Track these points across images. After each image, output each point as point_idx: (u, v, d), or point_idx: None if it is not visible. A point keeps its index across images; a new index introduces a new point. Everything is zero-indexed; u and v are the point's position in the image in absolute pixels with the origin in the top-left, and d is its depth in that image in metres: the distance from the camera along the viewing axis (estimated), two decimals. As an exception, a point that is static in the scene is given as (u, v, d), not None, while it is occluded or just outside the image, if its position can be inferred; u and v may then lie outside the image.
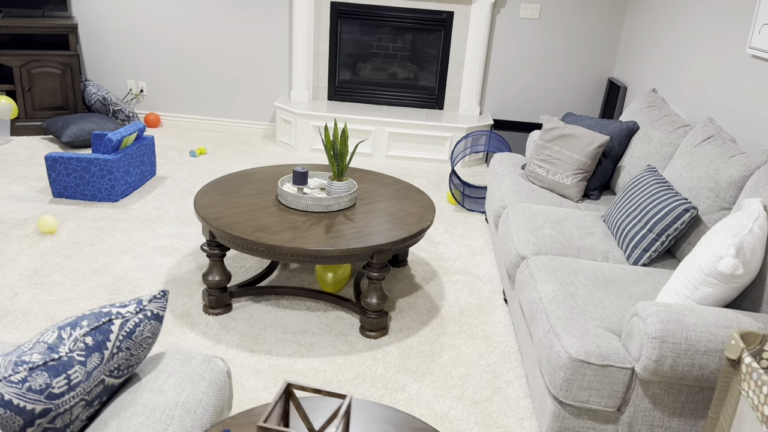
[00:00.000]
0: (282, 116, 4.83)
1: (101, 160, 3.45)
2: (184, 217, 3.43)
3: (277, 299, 2.69)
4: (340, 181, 2.62)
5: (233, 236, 2.31)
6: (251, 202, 2.61)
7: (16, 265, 2.80)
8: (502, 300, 2.82)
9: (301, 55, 4.85)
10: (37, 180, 3.78)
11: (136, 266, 2.87)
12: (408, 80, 5.00)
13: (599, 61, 4.81)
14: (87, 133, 4.37)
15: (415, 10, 4.73)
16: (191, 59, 4.99)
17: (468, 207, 3.86)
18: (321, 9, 4.78)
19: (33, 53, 4.48)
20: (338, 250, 2.26)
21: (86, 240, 3.08)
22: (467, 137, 4.22)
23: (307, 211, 2.55)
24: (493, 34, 4.81)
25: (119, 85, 5.10)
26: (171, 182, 3.92)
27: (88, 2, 4.83)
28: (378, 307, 2.43)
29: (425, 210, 2.65)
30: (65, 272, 2.77)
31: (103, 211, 3.43)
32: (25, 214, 3.30)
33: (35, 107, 4.62)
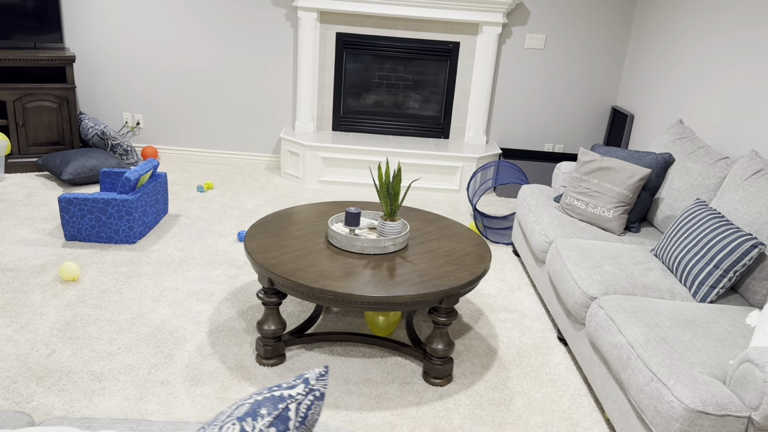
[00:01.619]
0: (288, 148, 4.73)
1: (119, 201, 3.28)
2: (209, 258, 3.29)
3: (329, 346, 2.58)
4: (393, 221, 2.54)
5: (297, 284, 2.20)
6: (302, 245, 2.50)
7: (44, 318, 2.61)
8: (556, 339, 2.77)
9: (306, 86, 4.77)
10: (44, 221, 3.57)
11: (173, 314, 2.71)
12: (412, 110, 4.97)
13: (602, 89, 4.89)
14: (89, 169, 4.17)
15: (421, 40, 4.73)
16: (189, 91, 4.85)
17: (492, 239, 3.82)
18: (327, 40, 4.72)
19: (28, 87, 4.27)
20: (410, 296, 2.18)
21: (113, 287, 2.90)
22: (484, 168, 4.21)
23: (363, 254, 2.46)
24: (499, 64, 4.84)
25: (114, 118, 4.91)
26: (185, 220, 3.77)
27: (81, 33, 4.66)
28: (445, 353, 2.35)
29: (480, 248, 2.60)
30: (100, 324, 2.59)
31: (123, 254, 3.25)
32: (40, 260, 3.10)
33: (29, 143, 4.39)
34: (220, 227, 3.71)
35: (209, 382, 2.29)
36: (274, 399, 1.05)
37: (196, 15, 4.65)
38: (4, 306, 2.67)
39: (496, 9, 4.56)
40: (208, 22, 4.67)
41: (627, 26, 4.72)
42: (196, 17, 4.65)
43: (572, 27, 4.72)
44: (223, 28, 4.69)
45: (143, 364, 2.36)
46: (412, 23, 4.68)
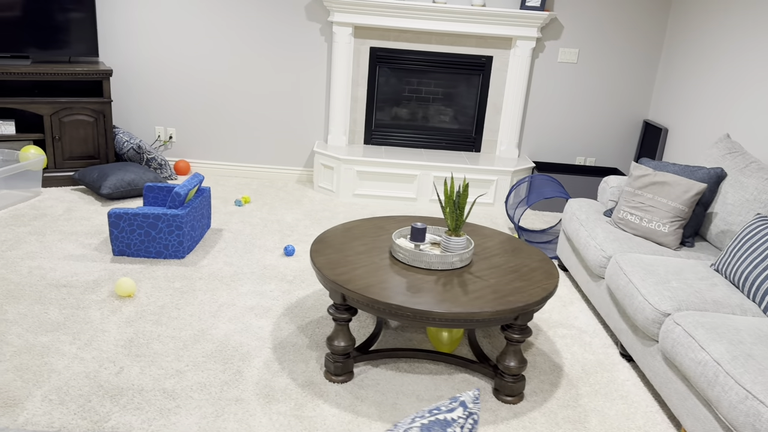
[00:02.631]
0: (322, 161, 4.73)
1: (170, 216, 3.27)
2: (259, 273, 3.28)
3: (394, 362, 2.56)
4: (458, 236, 2.54)
5: (373, 300, 2.19)
6: (368, 260, 2.49)
7: (106, 335, 2.59)
8: (618, 355, 2.76)
9: (340, 100, 4.78)
10: (88, 236, 3.56)
11: (234, 330, 2.70)
12: (444, 123, 4.99)
13: (634, 103, 4.91)
14: (127, 183, 4.16)
15: (454, 54, 4.75)
16: (222, 105, 4.86)
17: (535, 253, 3.81)
18: (360, 54, 4.74)
19: (65, 101, 4.27)
20: (488, 313, 2.17)
21: (170, 303, 2.89)
22: (522, 183, 4.21)
23: (430, 269, 2.46)
24: (532, 78, 4.86)
25: (147, 131, 4.91)
26: (228, 235, 3.76)
27: (114, 47, 4.67)
28: (518, 370, 2.34)
29: (545, 264, 2.59)
30: (163, 341, 2.57)
31: (173, 269, 3.24)
32: (92, 276, 3.09)
33: (65, 157, 4.39)
34: (264, 241, 3.70)
35: (283, 399, 2.27)
36: (440, 423, 1.04)
37: (231, 29, 4.67)
38: (64, 323, 2.65)
39: (530, 24, 4.58)
40: (242, 36, 4.68)
41: (659, 39, 4.75)
42: (231, 32, 4.67)
43: (605, 41, 4.75)
44: (258, 43, 4.70)
45: (214, 381, 2.34)
46: (446, 37, 4.71)
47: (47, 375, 2.30)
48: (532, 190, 4.04)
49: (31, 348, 2.45)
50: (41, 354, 2.42)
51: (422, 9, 4.50)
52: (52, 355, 2.42)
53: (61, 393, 2.21)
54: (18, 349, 2.44)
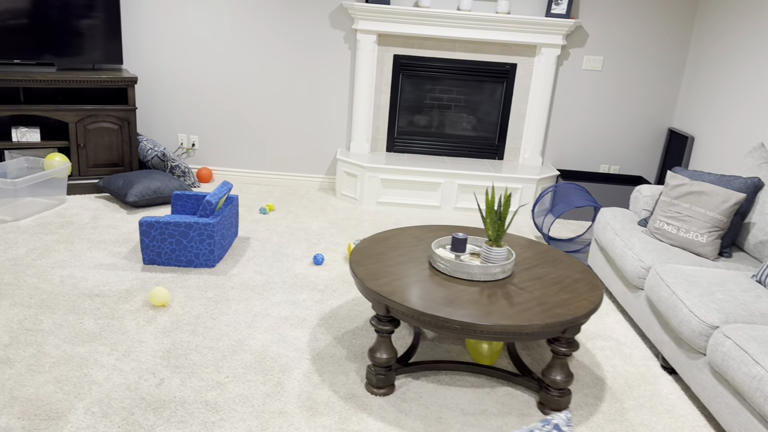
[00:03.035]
0: (345, 169, 4.71)
1: (201, 225, 3.25)
2: (290, 282, 3.25)
3: (435, 375, 2.53)
4: (499, 246, 2.51)
5: (419, 312, 2.16)
6: (409, 270, 2.47)
7: (144, 345, 2.57)
8: (659, 368, 2.72)
9: (363, 107, 4.77)
10: (116, 244, 3.54)
11: (271, 341, 2.67)
12: (466, 131, 4.97)
13: (659, 110, 4.88)
14: (152, 191, 4.15)
15: (478, 62, 4.73)
16: (244, 112, 4.85)
17: (564, 262, 3.78)
18: (384, 62, 4.73)
19: (90, 108, 4.27)
20: (537, 326, 2.14)
21: (204, 312, 2.87)
22: (549, 191, 4.18)
23: (472, 281, 2.43)
24: (556, 85, 4.84)
25: (169, 139, 4.91)
26: (256, 243, 3.73)
27: (137, 54, 4.67)
28: (564, 384, 2.30)
29: (587, 275, 2.56)
30: (201, 351, 2.55)
31: (204, 278, 3.22)
32: (124, 285, 3.07)
33: (89, 164, 4.38)
34: (292, 250, 3.68)
35: (326, 412, 2.24)
36: (538, 446, 1.01)
37: (255, 37, 4.66)
38: (101, 333, 2.63)
39: (556, 31, 4.56)
40: (266, 44, 4.68)
41: (684, 46, 4.72)
42: (255, 39, 4.67)
43: (629, 48, 4.73)
44: (281, 51, 4.70)
45: (256, 393, 2.31)
46: (470, 45, 4.69)
47: (88, 387, 2.27)
48: (561, 199, 4.01)
49: (69, 359, 2.43)
50: (80, 365, 2.40)
51: (446, 17, 4.48)
52: (91, 366, 2.40)
53: (103, 405, 2.18)
54: (56, 360, 2.42)
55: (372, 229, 4.14)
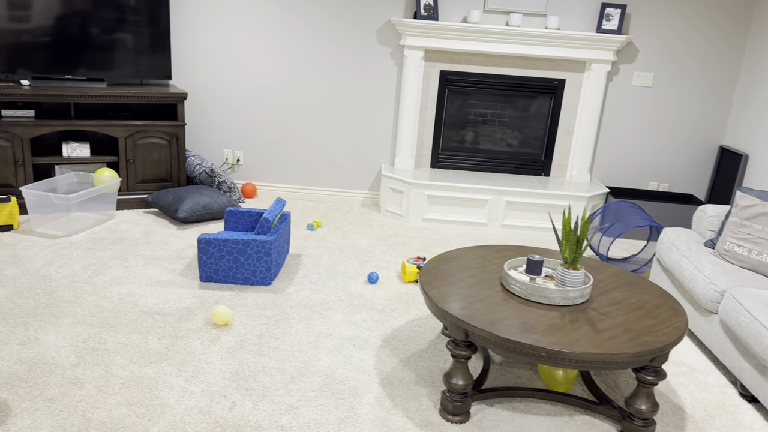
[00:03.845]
0: (390, 185, 4.67)
1: (259, 242, 3.22)
2: (347, 301, 3.20)
3: (509, 402, 2.46)
4: (576, 269, 2.44)
5: (502, 339, 2.10)
6: (482, 293, 2.40)
7: (211, 366, 2.53)
8: (738, 395, 2.62)
9: (408, 123, 4.73)
10: (170, 261, 3.52)
11: (337, 363, 2.62)
12: (512, 147, 4.91)
13: (710, 128, 4.78)
14: (202, 207, 4.14)
15: (525, 77, 4.68)
16: (289, 128, 4.83)
17: (622, 283, 3.69)
18: (430, 78, 4.70)
19: (140, 123, 4.28)
20: (628, 355, 2.06)
21: (266, 332, 2.82)
22: (605, 209, 4.10)
23: (550, 305, 2.36)
24: (605, 101, 4.77)
25: (214, 154, 4.91)
26: (308, 261, 3.70)
27: (183, 70, 4.68)
28: (650, 414, 2.22)
29: (666, 299, 2.48)
30: (269, 373, 2.50)
31: (262, 296, 3.18)
32: (183, 303, 3.04)
33: (138, 179, 4.38)
34: (345, 268, 3.64)
35: (404, 440, 2.18)
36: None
37: (300, 54, 4.65)
38: (166, 353, 2.60)
39: (606, 47, 4.50)
40: (311, 61, 4.67)
41: (737, 62, 4.63)
42: (300, 56, 4.66)
43: (680, 64, 4.65)
44: (327, 67, 4.69)
45: (330, 418, 2.26)
46: (518, 61, 4.64)
47: (160, 410, 2.23)
48: (616, 218, 3.92)
49: (138, 380, 2.39)
50: (149, 386, 2.36)
51: (495, 32, 4.44)
52: (161, 387, 2.36)
53: (178, 429, 2.14)
54: (125, 381, 2.39)
55: (421, 247, 4.09)
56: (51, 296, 3.01)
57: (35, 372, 2.40)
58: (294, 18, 4.59)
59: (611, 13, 4.48)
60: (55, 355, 2.52)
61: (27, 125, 4.03)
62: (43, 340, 2.62)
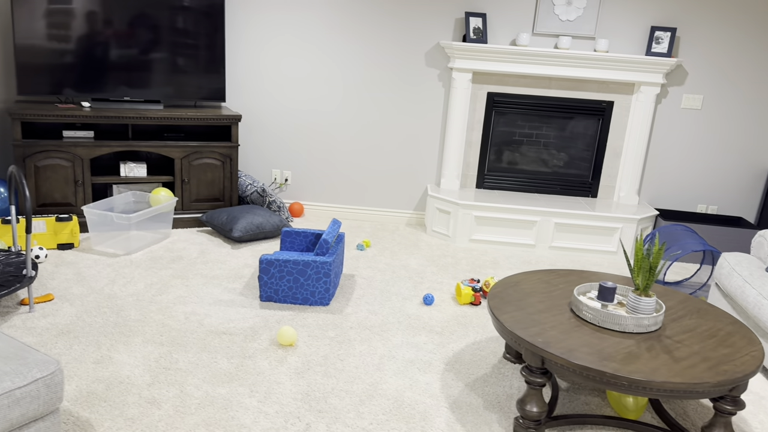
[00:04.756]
0: (437, 206, 4.70)
1: (319, 263, 3.26)
2: (405, 323, 3.22)
3: (581, 428, 2.45)
4: (648, 296, 2.43)
5: (584, 368, 2.10)
6: (554, 319, 2.41)
7: (281, 386, 2.56)
8: (813, 424, 2.58)
9: (455, 144, 4.77)
10: (228, 280, 3.58)
11: (404, 386, 2.63)
12: (558, 168, 4.91)
13: (759, 150, 4.74)
14: (255, 227, 4.21)
15: (573, 99, 4.69)
16: (336, 148, 4.90)
17: (678, 307, 3.65)
18: (477, 99, 4.73)
19: (195, 144, 4.38)
20: (709, 384, 2.05)
21: (331, 353, 2.85)
22: (658, 233, 4.08)
23: (623, 332, 2.35)
24: (654, 123, 4.76)
25: (263, 174, 4.99)
26: (362, 281, 3.73)
27: (234, 92, 4.79)
28: (729, 443, 2.20)
29: (739, 327, 2.46)
30: (339, 395, 2.53)
31: (321, 316, 3.22)
32: (247, 323, 3.09)
33: (192, 199, 4.47)
34: (398, 289, 3.66)
35: (481, 466, 2.18)
36: None
37: (348, 76, 4.73)
38: (236, 373, 2.64)
39: (656, 70, 4.50)
40: (358, 82, 4.74)
41: (790, 86, 4.60)
42: (348, 78, 4.73)
43: (730, 87, 4.62)
44: (375, 89, 4.75)
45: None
46: (566, 83, 4.66)
47: (238, 431, 2.27)
48: (672, 242, 3.90)
49: (213, 400, 2.44)
50: (224, 407, 2.40)
51: (544, 55, 4.47)
52: (235, 408, 2.40)
53: (257, 450, 2.17)
54: (201, 401, 2.43)
55: (471, 268, 4.10)
56: (119, 315, 3.08)
57: (113, 391, 2.46)
58: (343, 41, 4.67)
59: (661, 36, 4.49)
60: (129, 374, 2.57)
61: (87, 146, 4.15)
62: (116, 359, 2.69)
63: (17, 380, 1.82)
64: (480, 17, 4.50)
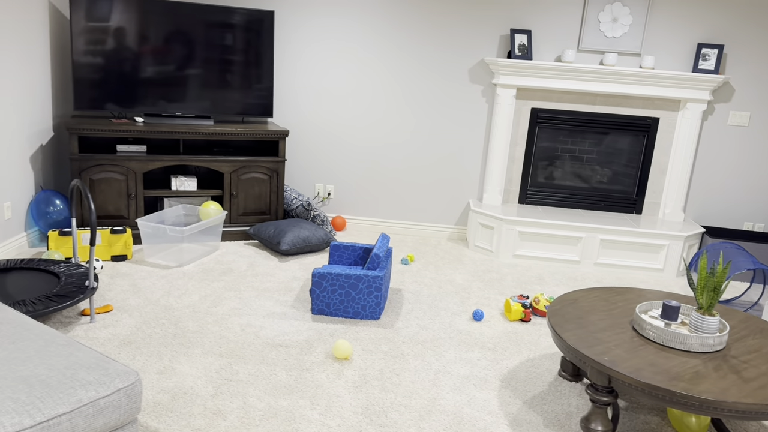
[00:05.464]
0: (480, 221, 4.71)
1: (371, 277, 3.30)
2: (457, 339, 3.24)
3: (642, 447, 2.43)
4: (711, 315, 2.42)
5: (654, 387, 2.09)
6: (617, 338, 2.40)
7: (341, 400, 2.59)
8: None
9: (498, 159, 4.78)
10: (279, 293, 3.64)
11: (462, 402, 2.64)
12: (602, 184, 4.89)
13: (811, 167, 4.67)
14: (302, 240, 4.26)
15: (618, 115, 4.68)
16: (379, 163, 4.95)
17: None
18: (521, 115, 4.75)
19: (244, 159, 4.47)
20: (782, 406, 2.02)
21: (386, 368, 2.88)
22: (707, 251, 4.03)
23: (688, 351, 2.34)
24: (700, 140, 4.72)
25: (306, 188, 5.06)
26: (409, 296, 3.75)
27: (281, 108, 4.87)
28: (801, 466, 2.16)
29: (805, 349, 2.42)
30: (398, 410, 2.55)
31: (373, 330, 3.25)
32: (301, 336, 3.13)
33: (239, 212, 4.55)
34: (446, 304, 3.68)
35: (546, 484, 2.18)
36: None
37: (392, 92, 4.79)
38: (296, 385, 2.68)
39: (703, 87, 4.48)
40: (402, 98, 4.80)
41: (841, 103, 4.53)
42: (392, 93, 4.79)
43: (781, 104, 4.58)
44: (418, 104, 4.80)
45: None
46: (611, 99, 4.66)
47: (303, 442, 2.30)
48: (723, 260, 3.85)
49: (276, 412, 2.47)
50: (288, 419, 2.44)
51: (589, 71, 4.48)
52: (299, 421, 2.43)
53: (323, 463, 2.20)
54: (264, 413, 2.47)
55: (517, 284, 4.10)
56: (177, 326, 3.15)
57: (178, 401, 2.51)
58: (387, 58, 4.73)
59: (708, 53, 4.47)
60: (193, 385, 2.63)
61: (140, 160, 4.25)
62: (178, 369, 2.74)
63: (101, 390, 1.87)
64: (525, 34, 4.53)
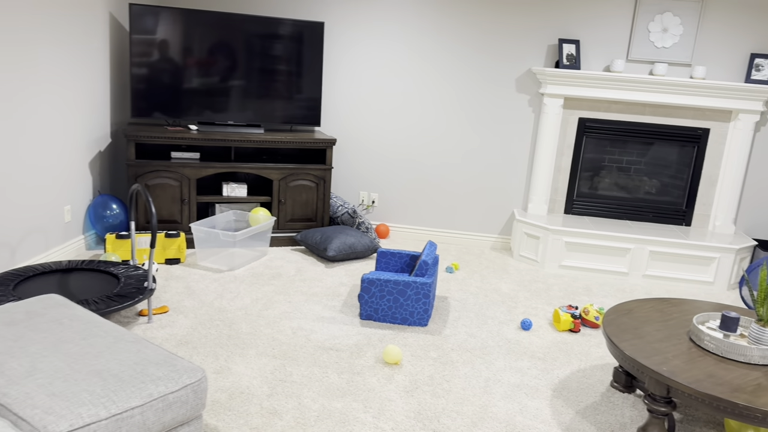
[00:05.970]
0: (525, 230, 4.69)
1: (419, 284, 3.33)
2: (505, 347, 3.24)
3: (700, 461, 2.40)
4: (772, 329, 2.37)
5: (715, 398, 2.06)
6: (674, 349, 2.38)
7: (393, 404, 2.62)
8: None
9: (544, 169, 4.77)
10: (327, 298, 3.69)
11: (514, 410, 2.64)
12: (650, 195, 4.83)
13: None
14: (348, 247, 4.32)
15: (667, 126, 4.63)
16: (424, 171, 4.99)
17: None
18: (568, 125, 4.74)
19: (292, 167, 4.56)
20: None
21: (436, 374, 2.90)
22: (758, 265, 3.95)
23: (748, 363, 2.30)
24: (752, 151, 4.63)
25: (351, 195, 5.13)
26: (456, 304, 3.77)
27: (327, 116, 4.96)
28: None
29: None
30: (450, 416, 2.56)
31: (421, 336, 3.27)
32: (351, 340, 3.18)
33: (287, 219, 4.64)
34: (493, 312, 3.68)
35: (603, 494, 2.17)
36: None
37: (437, 100, 4.83)
38: (348, 388, 2.72)
39: (756, 97, 4.40)
40: (448, 107, 4.83)
41: None
42: (438, 102, 4.83)
43: (840, 115, 4.46)
44: (464, 114, 4.83)
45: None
46: (660, 109, 4.61)
47: (358, 444, 2.34)
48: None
49: (330, 414, 2.52)
50: (342, 421, 2.48)
51: (638, 81, 4.44)
52: (352, 423, 2.47)
53: (378, 465, 2.23)
54: (319, 414, 2.51)
55: (564, 294, 4.07)
56: (231, 328, 3.23)
57: (235, 400, 2.58)
58: (433, 66, 4.78)
59: (761, 64, 4.39)
60: (249, 385, 2.69)
61: (194, 166, 4.38)
62: (234, 370, 2.81)
63: (170, 385, 1.95)
64: (573, 44, 4.52)
